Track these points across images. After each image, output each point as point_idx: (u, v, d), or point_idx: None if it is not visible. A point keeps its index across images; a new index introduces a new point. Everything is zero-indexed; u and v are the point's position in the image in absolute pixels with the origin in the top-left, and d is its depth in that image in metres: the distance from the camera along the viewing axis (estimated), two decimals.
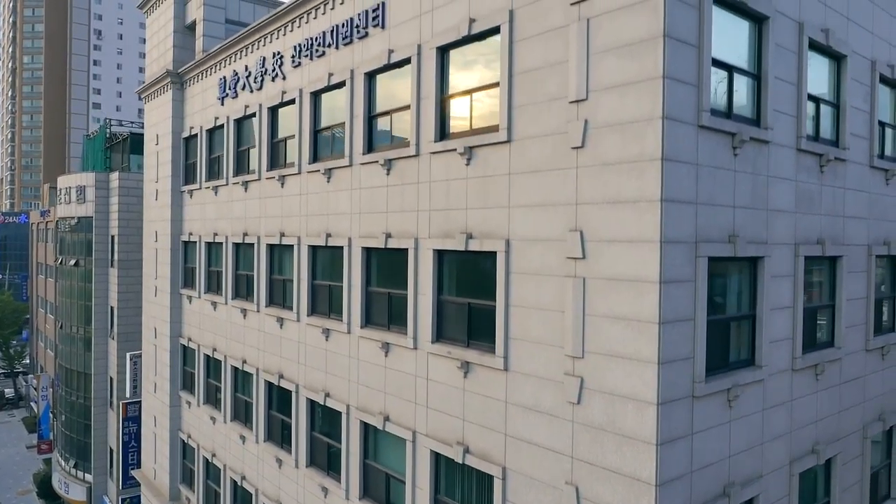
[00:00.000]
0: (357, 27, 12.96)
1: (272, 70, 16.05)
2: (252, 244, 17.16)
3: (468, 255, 10.53)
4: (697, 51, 8.08)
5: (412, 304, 11.49)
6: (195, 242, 20.55)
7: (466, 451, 10.35)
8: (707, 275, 8.29)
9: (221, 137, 18.95)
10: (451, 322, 10.91)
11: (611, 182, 8.19)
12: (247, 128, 17.71)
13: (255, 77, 16.81)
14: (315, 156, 14.56)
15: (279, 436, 16.13)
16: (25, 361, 67.52)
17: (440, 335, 11.07)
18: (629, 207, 7.98)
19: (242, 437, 17.65)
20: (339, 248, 13.58)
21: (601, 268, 8.31)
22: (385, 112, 12.52)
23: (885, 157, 12.48)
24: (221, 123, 18.68)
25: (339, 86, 13.63)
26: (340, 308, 13.60)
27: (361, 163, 12.83)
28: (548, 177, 9.03)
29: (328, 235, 13.84)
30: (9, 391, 65.19)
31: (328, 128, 14.22)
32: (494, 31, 9.96)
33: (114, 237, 31.09)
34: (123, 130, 35.38)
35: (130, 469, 27.16)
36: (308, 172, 14.63)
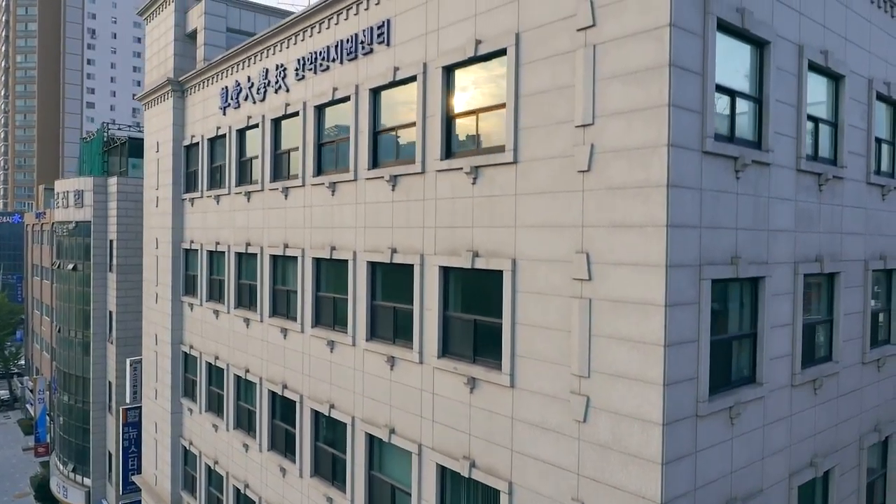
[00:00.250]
0: (362, 43, 13.09)
1: (275, 82, 16.16)
2: (255, 254, 17.27)
3: (474, 273, 10.69)
4: (701, 78, 8.26)
5: (418, 319, 11.65)
6: (196, 250, 20.64)
7: (473, 466, 10.52)
8: (710, 296, 8.49)
9: (223, 147, 19.05)
10: (457, 338, 11.07)
11: (617, 206, 8.37)
12: (249, 138, 17.81)
13: (258, 88, 16.91)
14: (319, 169, 14.69)
15: (283, 445, 16.27)
16: (20, 363, 67.31)
17: (446, 350, 11.23)
18: (635, 232, 8.15)
19: (245, 446, 17.77)
20: (344, 262, 13.72)
21: (607, 290, 8.49)
22: (390, 128, 12.66)
23: (882, 173, 12.72)
24: (223, 133, 18.77)
25: (344, 100, 13.75)
26: (345, 320, 13.74)
27: (366, 178, 12.97)
28: (554, 198, 9.20)
29: (333, 248, 13.97)
30: (3, 393, 65.02)
31: (332, 141, 14.35)
32: (501, 53, 10.11)
33: (112, 242, 31.11)
34: (122, 134, 35.37)
35: (130, 474, 27.23)
36: (312, 185, 14.76)
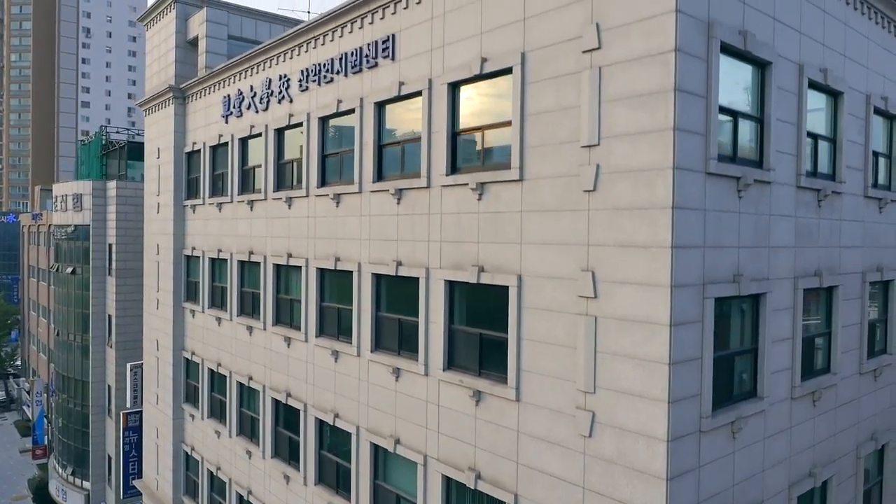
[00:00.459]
0: (366, 57, 13.21)
1: (279, 92, 16.26)
2: (258, 263, 17.38)
3: (480, 287, 10.84)
4: (705, 101, 8.43)
5: (423, 332, 11.80)
6: (198, 257, 20.72)
7: (478, 477, 10.69)
8: (713, 315, 8.67)
9: (225, 155, 19.14)
10: (463, 351, 11.23)
11: (622, 226, 8.53)
12: (252, 147, 17.90)
13: (261, 98, 17.01)
14: (323, 180, 14.81)
15: (286, 452, 16.40)
16: (17, 364, 67.15)
17: (451, 363, 11.39)
18: (640, 252, 8.32)
19: (249, 452, 17.90)
20: (349, 273, 13.85)
21: (613, 308, 8.65)
22: (395, 142, 12.79)
23: (879, 186, 12.93)
24: (226, 141, 18.86)
25: (348, 113, 13.88)
26: (350, 331, 13.88)
27: (371, 190, 13.10)
28: (560, 217, 9.36)
29: (337, 259, 14.10)
30: None
31: (336, 153, 14.47)
32: (507, 72, 10.25)
33: (111, 246, 31.14)
34: (120, 138, 35.38)
35: (131, 478, 27.32)
36: (316, 196, 14.88)
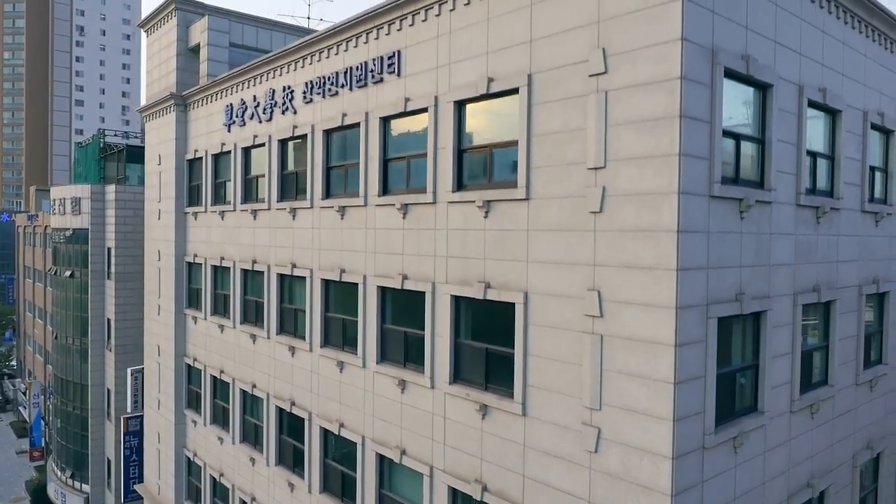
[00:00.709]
0: (372, 72, 13.35)
1: (282, 103, 16.38)
2: (262, 272, 17.51)
3: (486, 303, 11.03)
4: (709, 126, 8.63)
5: (429, 345, 11.98)
6: (200, 264, 20.83)
7: (485, 490, 10.89)
8: (717, 334, 8.88)
9: (228, 163, 19.24)
10: (469, 365, 11.42)
11: (628, 248, 8.73)
12: (255, 157, 18.02)
13: (265, 108, 17.12)
14: (328, 192, 14.95)
15: (291, 460, 16.57)
16: (12, 364, 66.96)
17: (457, 376, 11.58)
18: (646, 273, 8.52)
19: (252, 459, 18.05)
20: (354, 285, 14.01)
21: (618, 327, 8.86)
22: (401, 157, 12.94)
23: (875, 200, 13.18)
24: (228, 150, 18.96)
25: (353, 126, 14.02)
26: (355, 342, 14.05)
27: (376, 204, 13.25)
28: (566, 236, 9.54)
29: (342, 271, 14.26)
30: None
31: (341, 166, 14.61)
32: (513, 92, 10.42)
33: (110, 249, 31.14)
34: (118, 140, 35.35)
35: (132, 483, 27.42)
36: (321, 208, 15.02)
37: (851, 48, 11.90)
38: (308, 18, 25.16)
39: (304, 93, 15.48)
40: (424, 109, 12.11)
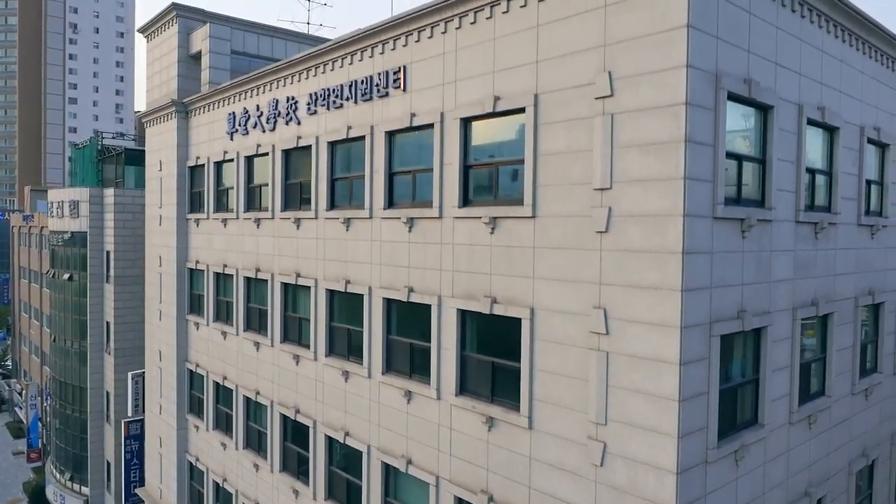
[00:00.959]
0: (377, 86, 13.50)
1: (286, 114, 16.51)
2: (265, 280, 17.66)
3: (492, 317, 11.22)
4: (713, 149, 8.84)
5: (435, 357, 12.17)
6: (202, 271, 20.95)
7: (490, 500, 11.10)
8: (720, 351, 9.12)
9: (230, 171, 19.35)
10: (475, 377, 11.62)
11: (634, 268, 8.94)
12: (258, 166, 18.14)
13: (268, 118, 17.25)
14: (332, 203, 15.11)
15: (295, 467, 16.75)
16: (7, 364, 66.78)
17: (464, 388, 11.78)
18: (651, 293, 8.74)
19: (256, 466, 18.22)
20: (359, 296, 14.18)
21: (624, 345, 9.08)
22: (406, 171, 13.11)
23: (871, 213, 13.45)
24: (231, 158, 19.08)
25: (358, 139, 14.17)
26: (360, 352, 14.23)
27: (382, 217, 13.43)
28: (572, 254, 9.75)
29: (347, 282, 14.43)
30: None
31: (346, 177, 14.76)
32: (519, 111, 10.61)
33: (109, 253, 31.18)
34: (115, 143, 35.33)
35: (133, 486, 27.54)
36: (326, 219, 15.18)
37: (849, 65, 12.14)
38: (308, 24, 25.23)
39: (309, 104, 15.62)
40: (430, 125, 12.28)
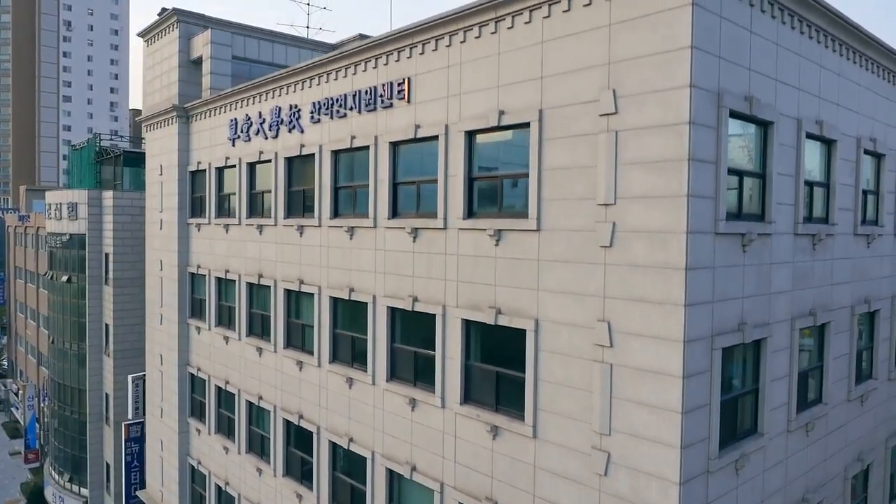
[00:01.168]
0: (381, 96, 13.64)
1: (289, 121, 16.62)
2: (268, 286, 17.78)
3: (497, 328, 11.40)
4: (715, 167, 9.03)
5: (440, 366, 12.35)
6: (204, 276, 21.05)
7: None
8: (721, 363, 9.32)
9: (232, 177, 19.45)
10: (480, 386, 11.80)
11: (637, 282, 9.13)
12: (261, 172, 18.25)
13: (271, 125, 17.35)
14: (336, 211, 15.24)
15: (299, 472, 16.91)
16: (3, 364, 66.59)
17: (468, 397, 11.96)
18: (655, 307, 8.93)
19: (259, 470, 18.37)
20: (363, 304, 14.33)
21: (628, 357, 9.27)
22: (411, 181, 13.26)
23: (867, 223, 13.69)
24: (233, 164, 19.17)
25: (362, 149, 14.30)
26: (364, 359, 14.39)
27: (386, 226, 13.57)
28: (577, 268, 9.93)
29: (351, 290, 14.58)
30: None
31: (349, 186, 14.90)
32: (524, 126, 10.77)
33: (108, 255, 31.20)
34: (115, 143, 35.33)
35: (133, 489, 27.64)
36: (329, 227, 15.31)
37: (846, 78, 12.35)
38: (307, 28, 25.30)
39: (312, 112, 15.74)
40: (435, 137, 12.43)
